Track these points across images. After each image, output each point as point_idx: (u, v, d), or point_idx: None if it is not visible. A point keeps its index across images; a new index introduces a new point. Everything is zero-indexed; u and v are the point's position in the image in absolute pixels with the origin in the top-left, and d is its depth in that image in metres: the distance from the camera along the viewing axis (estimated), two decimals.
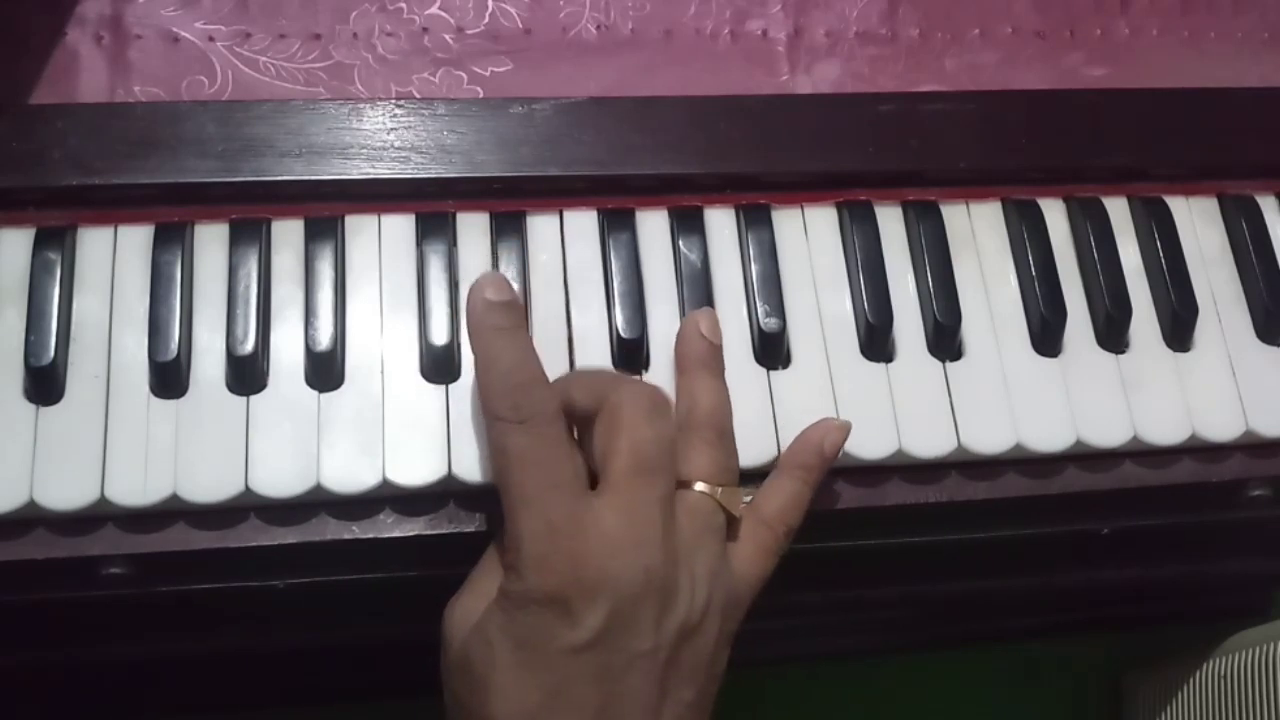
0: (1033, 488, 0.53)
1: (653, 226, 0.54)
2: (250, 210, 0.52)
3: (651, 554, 0.43)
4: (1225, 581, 0.79)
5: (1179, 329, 0.55)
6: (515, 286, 0.51)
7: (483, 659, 0.43)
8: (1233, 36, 0.62)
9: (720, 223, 0.54)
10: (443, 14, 0.57)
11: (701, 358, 0.49)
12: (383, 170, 0.52)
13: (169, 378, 0.49)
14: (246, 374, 0.49)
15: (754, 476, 0.50)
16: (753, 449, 0.50)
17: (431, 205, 0.53)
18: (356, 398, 0.49)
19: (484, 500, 0.50)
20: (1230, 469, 0.54)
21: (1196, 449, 0.54)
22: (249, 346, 0.49)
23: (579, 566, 0.42)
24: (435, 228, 0.52)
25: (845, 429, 0.50)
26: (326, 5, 0.56)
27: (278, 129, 0.52)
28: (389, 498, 0.49)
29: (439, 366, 0.50)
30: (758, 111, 0.56)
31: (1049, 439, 0.52)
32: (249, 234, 0.51)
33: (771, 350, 0.52)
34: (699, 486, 0.46)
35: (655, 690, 0.44)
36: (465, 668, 0.44)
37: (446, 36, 0.57)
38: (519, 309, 0.47)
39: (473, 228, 0.53)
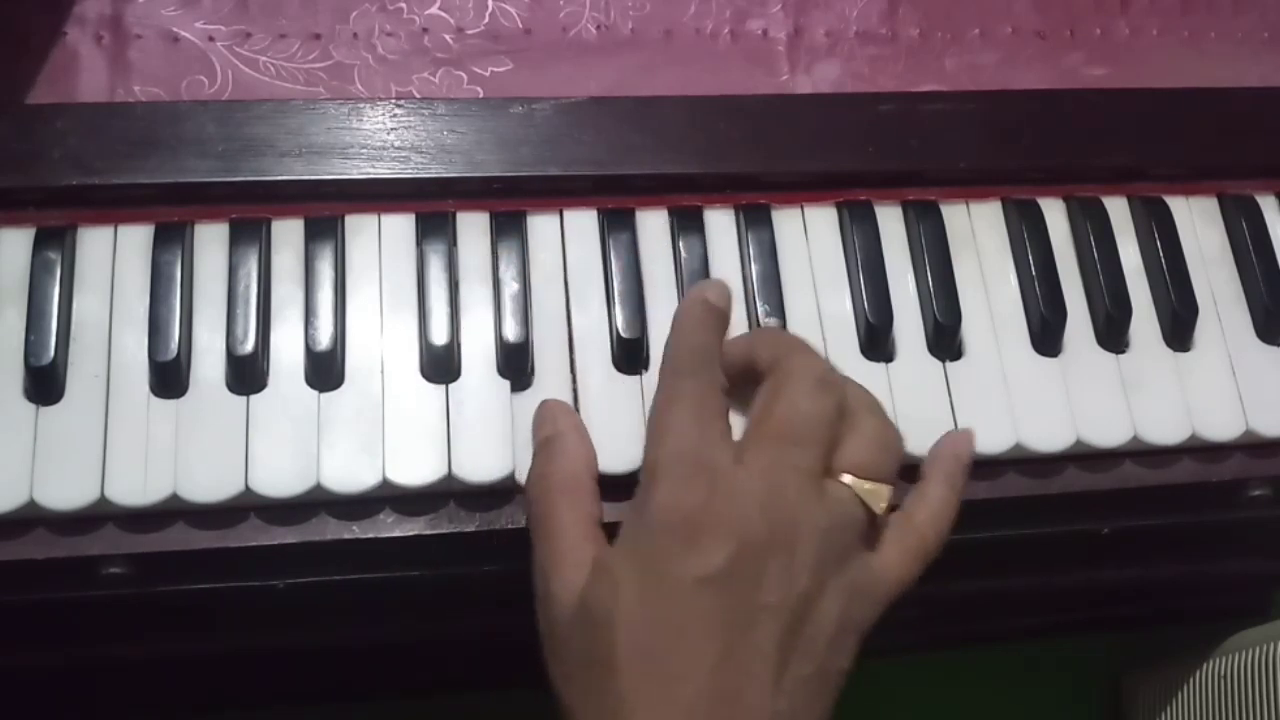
0: (1033, 488, 0.53)
1: (653, 226, 0.54)
2: (250, 210, 0.52)
3: (779, 512, 0.43)
4: (1225, 581, 0.79)
5: (1179, 329, 0.55)
6: (515, 286, 0.51)
7: (605, 596, 0.42)
8: (1233, 36, 0.62)
9: (720, 223, 0.54)
10: (443, 14, 0.57)
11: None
12: (383, 170, 0.52)
13: (169, 378, 0.49)
14: (246, 374, 0.49)
15: None
16: None
17: (431, 205, 0.53)
18: (356, 398, 0.49)
19: (484, 500, 0.50)
20: (1230, 469, 0.54)
21: (1196, 449, 0.54)
22: (249, 346, 0.49)
23: (710, 495, 0.43)
24: (435, 227, 0.52)
25: (971, 435, 0.51)
26: (326, 5, 0.56)
27: (278, 129, 0.52)
28: (389, 498, 0.49)
29: (439, 366, 0.50)
30: (758, 111, 0.56)
31: (1049, 439, 0.52)
32: (249, 234, 0.51)
33: None
34: (845, 477, 0.46)
35: (774, 652, 0.42)
36: (585, 616, 0.43)
37: (446, 36, 0.57)
38: (726, 318, 0.49)
39: (473, 228, 0.53)
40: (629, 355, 0.51)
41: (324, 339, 0.50)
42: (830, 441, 0.45)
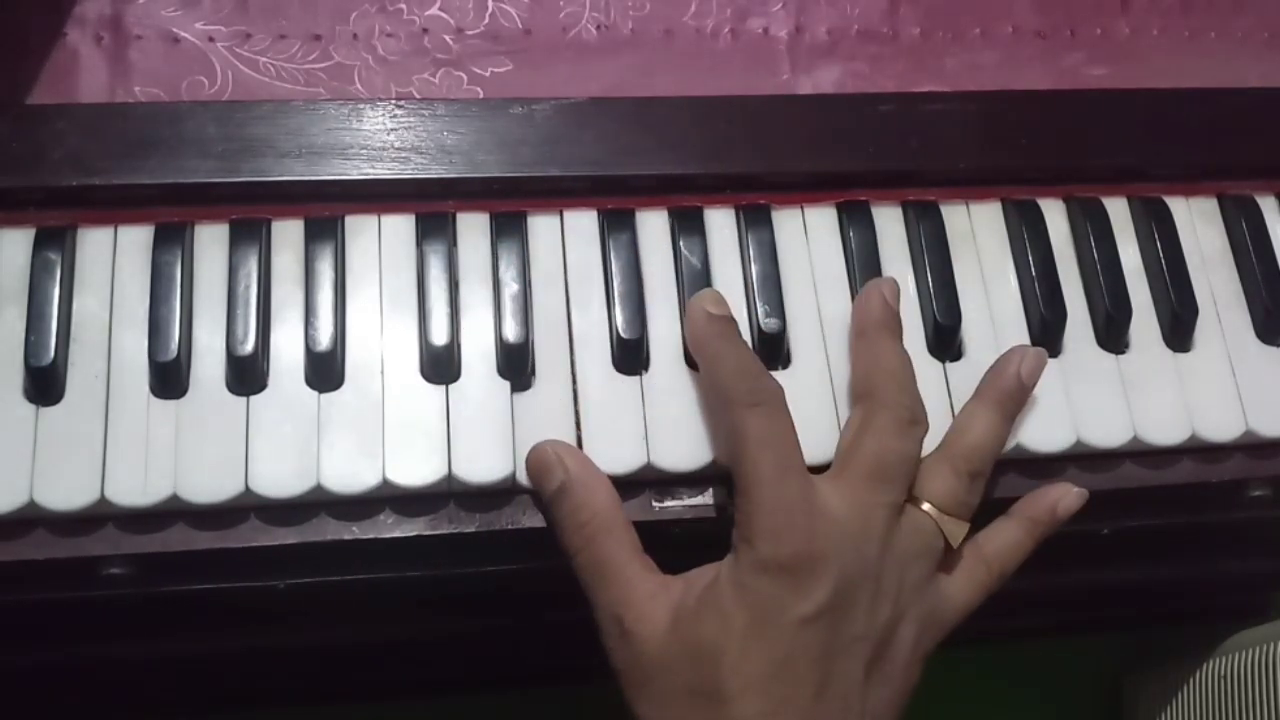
0: (1033, 488, 0.53)
1: (653, 227, 0.54)
2: (250, 210, 0.52)
3: (870, 547, 0.46)
4: (1225, 581, 0.79)
5: (1179, 329, 0.55)
6: (515, 287, 0.51)
7: (717, 630, 0.45)
8: (1233, 36, 0.62)
9: (720, 223, 0.54)
10: (443, 14, 0.57)
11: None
12: (383, 170, 0.52)
13: (169, 378, 0.49)
14: (246, 374, 0.49)
15: None
16: None
17: (431, 205, 0.53)
18: (356, 398, 0.49)
19: (484, 500, 0.50)
20: (1230, 469, 0.54)
21: (1196, 449, 0.54)
22: (249, 347, 0.49)
23: (810, 540, 0.45)
24: (435, 228, 0.52)
25: (1083, 497, 0.51)
26: (326, 6, 0.56)
27: (278, 129, 0.52)
28: (389, 498, 0.49)
29: (439, 366, 0.50)
30: (758, 111, 0.56)
31: (1049, 439, 0.52)
32: (249, 234, 0.51)
33: (771, 350, 0.52)
34: (927, 507, 0.49)
35: (862, 676, 0.46)
36: (695, 644, 0.45)
37: (446, 37, 0.57)
38: (734, 320, 0.50)
39: (473, 228, 0.53)
40: (629, 356, 0.51)
41: (324, 339, 0.50)
42: (913, 475, 0.48)
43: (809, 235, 0.55)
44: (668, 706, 0.46)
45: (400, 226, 0.53)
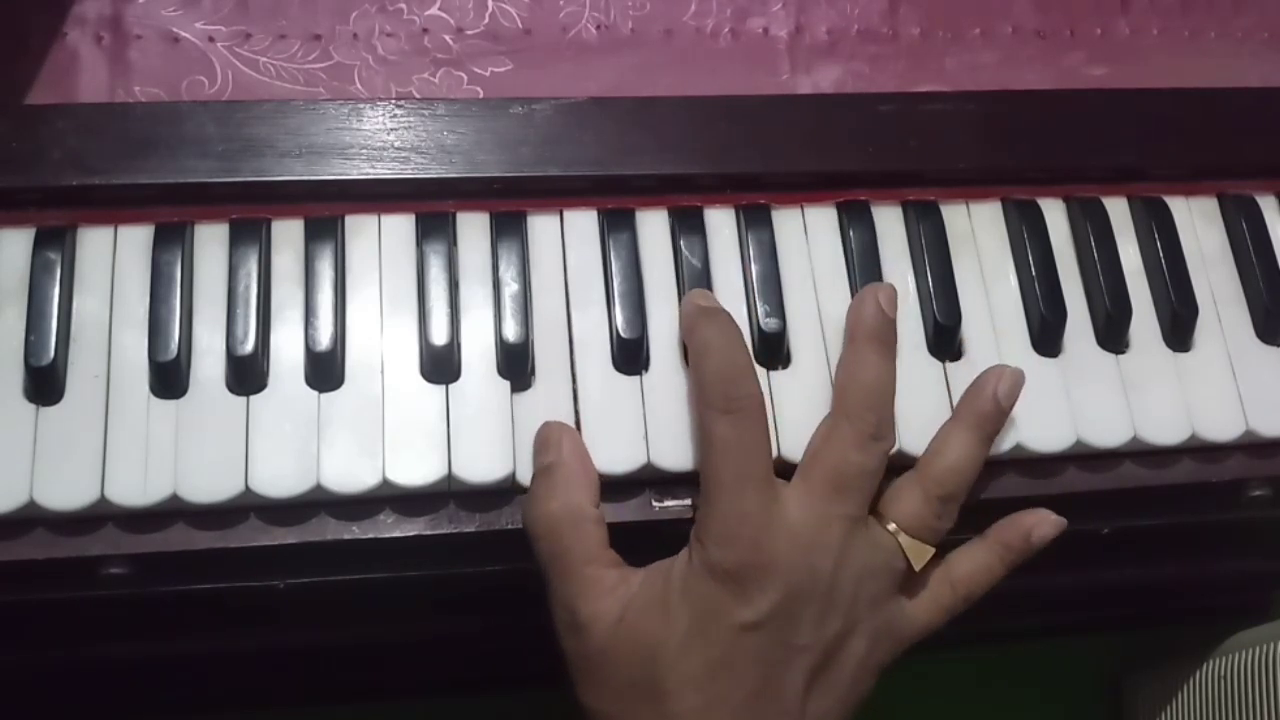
0: (1033, 488, 0.53)
1: (653, 226, 0.54)
2: (250, 210, 0.52)
3: (823, 559, 0.47)
4: (1225, 581, 0.79)
5: (1179, 329, 0.55)
6: (515, 287, 0.51)
7: (657, 627, 0.46)
8: (1233, 36, 0.62)
9: (720, 223, 0.54)
10: (443, 14, 0.57)
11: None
12: (383, 170, 0.52)
13: (169, 378, 0.49)
14: (246, 374, 0.49)
15: None
16: None
17: (431, 205, 0.53)
18: (356, 398, 0.49)
19: (484, 500, 0.50)
20: (1230, 469, 0.54)
21: (1196, 449, 0.54)
22: (249, 346, 0.49)
23: (759, 551, 0.46)
24: (435, 228, 0.52)
25: (1059, 526, 0.51)
26: (326, 6, 0.56)
27: (278, 129, 0.52)
28: (389, 498, 0.49)
29: (439, 366, 0.50)
30: (758, 111, 0.56)
31: (1049, 439, 0.52)
32: (249, 234, 0.51)
33: (771, 350, 0.52)
34: (891, 527, 0.49)
35: (802, 687, 0.47)
36: (638, 639, 0.46)
37: (446, 37, 0.57)
38: (726, 313, 0.50)
39: (473, 228, 0.53)
40: (629, 356, 0.51)
41: (324, 339, 0.50)
42: (872, 489, 0.48)
43: (809, 235, 0.55)
44: (610, 699, 0.47)
45: (400, 226, 0.53)
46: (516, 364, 0.50)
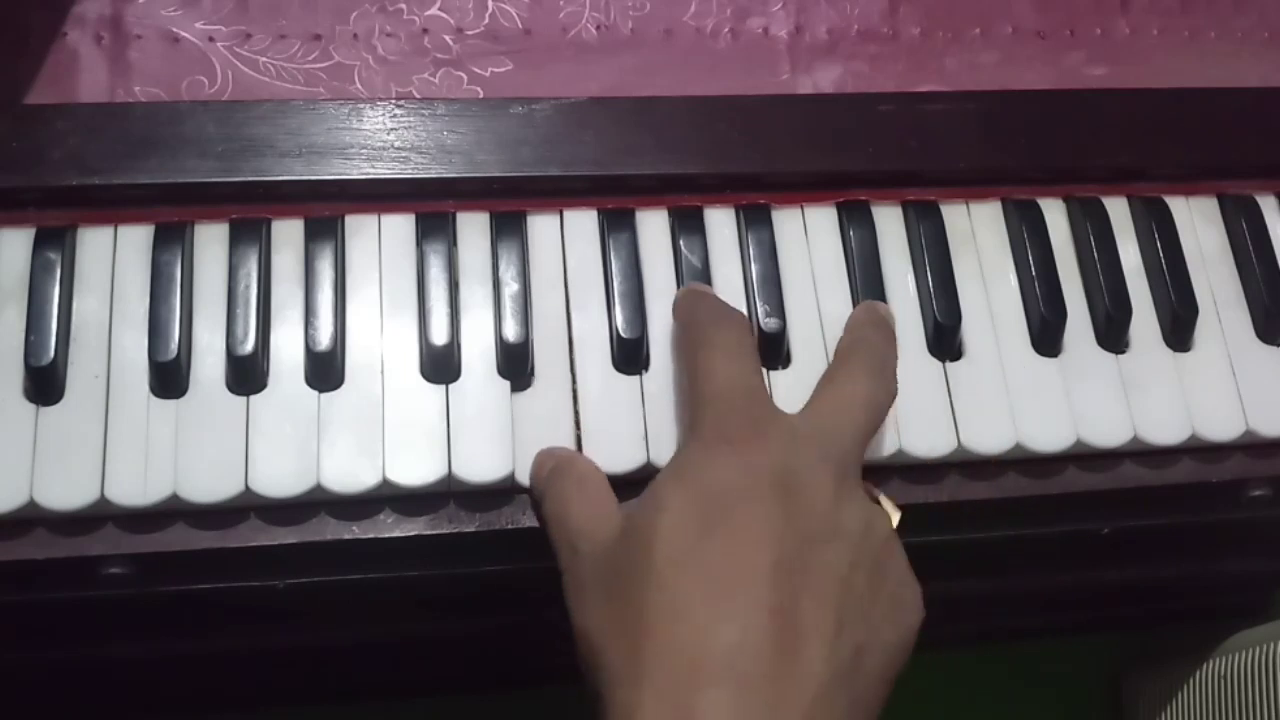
0: (1033, 488, 0.53)
1: (653, 226, 0.54)
2: (250, 210, 0.52)
3: (829, 450, 0.44)
4: (1225, 581, 0.79)
5: (1179, 329, 0.55)
6: (515, 287, 0.51)
7: (649, 513, 0.43)
8: (1233, 36, 0.62)
9: (720, 223, 0.54)
10: (443, 14, 0.57)
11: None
12: (383, 170, 0.52)
13: (169, 378, 0.49)
14: (246, 374, 0.49)
15: None
16: None
17: (431, 205, 0.53)
18: (356, 398, 0.49)
19: (484, 500, 0.50)
20: (1230, 469, 0.54)
21: (1196, 449, 0.54)
22: (249, 346, 0.49)
23: (757, 420, 0.45)
24: (435, 228, 0.52)
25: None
26: (326, 6, 0.56)
27: (278, 129, 0.52)
28: (389, 498, 0.49)
29: (439, 366, 0.50)
30: (758, 111, 0.56)
31: (1049, 439, 0.52)
32: (249, 234, 0.51)
33: (772, 350, 0.52)
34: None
35: (843, 578, 0.42)
36: (626, 539, 0.43)
37: (446, 37, 0.57)
38: (713, 294, 0.51)
39: (473, 228, 0.53)
40: (629, 355, 0.51)
41: (324, 339, 0.50)
42: (862, 455, 0.46)
43: (809, 235, 0.55)
44: (601, 603, 0.43)
45: (400, 226, 0.53)
46: (516, 364, 0.50)
